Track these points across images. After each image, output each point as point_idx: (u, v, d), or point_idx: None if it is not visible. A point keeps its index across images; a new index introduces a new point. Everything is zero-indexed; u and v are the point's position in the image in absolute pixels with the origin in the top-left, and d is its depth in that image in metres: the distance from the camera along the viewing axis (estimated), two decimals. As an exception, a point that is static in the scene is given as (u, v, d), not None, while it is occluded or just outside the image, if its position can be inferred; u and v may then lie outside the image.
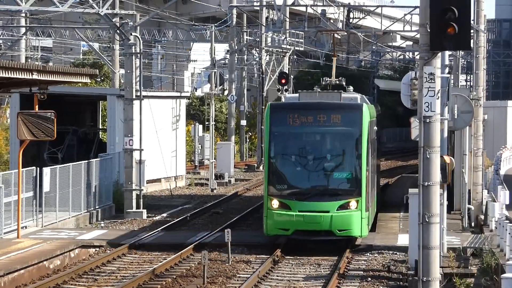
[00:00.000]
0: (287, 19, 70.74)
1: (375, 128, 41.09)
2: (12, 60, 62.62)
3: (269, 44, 68.93)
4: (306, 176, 34.80)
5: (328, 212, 33.51)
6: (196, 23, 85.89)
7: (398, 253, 35.63)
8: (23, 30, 68.72)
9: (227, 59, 78.07)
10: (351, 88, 41.82)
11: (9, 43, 75.66)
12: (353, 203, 33.72)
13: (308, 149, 35.19)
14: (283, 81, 57.32)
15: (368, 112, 34.97)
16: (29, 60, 74.86)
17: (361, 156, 34.19)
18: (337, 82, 42.63)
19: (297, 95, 38.69)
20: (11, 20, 73.63)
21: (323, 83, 42.65)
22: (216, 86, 74.79)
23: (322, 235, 33.84)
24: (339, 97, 36.09)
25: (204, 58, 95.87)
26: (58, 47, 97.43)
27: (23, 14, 61.60)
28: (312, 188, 34.65)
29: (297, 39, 73.39)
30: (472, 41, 35.72)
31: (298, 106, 35.91)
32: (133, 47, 47.32)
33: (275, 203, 33.82)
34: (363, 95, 41.78)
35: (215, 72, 76.41)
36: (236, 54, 72.15)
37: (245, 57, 73.49)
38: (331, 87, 41.25)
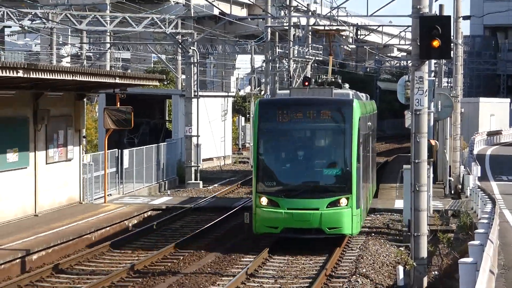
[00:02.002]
0: (309, 36, 70.46)
1: (369, 123, 34.34)
2: (100, 68, 62.86)
3: (296, 55, 68.44)
4: (295, 173, 27.71)
5: (317, 209, 26.48)
6: (239, 39, 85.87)
7: (395, 214, 35.42)
8: (108, 45, 68.87)
9: (263, 67, 77.63)
10: (346, 85, 35.59)
11: (97, 56, 75.81)
12: (343, 200, 26.69)
13: (297, 145, 28.25)
14: (306, 83, 56.88)
15: (358, 108, 28.01)
16: (112, 68, 74.88)
17: (351, 152, 27.08)
18: (333, 79, 35.88)
19: (288, 91, 31.72)
20: (99, 38, 73.82)
21: (320, 80, 36.60)
22: (255, 88, 74.88)
23: (312, 233, 26.84)
24: (330, 93, 29.03)
25: (246, 66, 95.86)
26: (135, 58, 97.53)
27: (108, 33, 61.85)
28: (301, 185, 27.33)
29: (317, 51, 72.96)
30: (452, 52, 35.49)
31: (287, 102, 28.63)
32: (192, 58, 47.42)
33: (263, 200, 26.81)
34: (357, 92, 34.59)
35: (254, 77, 76.54)
36: (270, 63, 71.84)
37: (277, 65, 72.96)
38: (327, 84, 34.56)
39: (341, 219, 26.58)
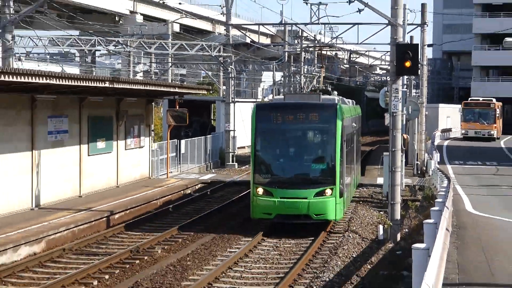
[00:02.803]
0: (315, 58, 70.15)
1: (354, 124, 30.44)
2: (163, 81, 62.86)
3: (305, 72, 68.07)
4: (287, 167, 24.12)
5: (306, 198, 23.12)
6: (265, 60, 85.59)
7: (377, 188, 35.06)
8: (169, 64, 68.89)
9: (282, 81, 77.33)
10: (335, 92, 31.77)
11: (162, 72, 75.74)
12: (328, 191, 23.21)
13: (289, 143, 24.54)
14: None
15: (342, 111, 24.31)
16: (173, 81, 74.83)
17: (335, 149, 23.39)
18: (324, 87, 32.86)
19: (282, 96, 28.35)
20: (163, 59, 73.79)
21: (313, 88, 33.61)
22: (275, 96, 74.49)
23: (301, 219, 23.48)
24: (318, 98, 25.35)
25: (269, 80, 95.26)
26: (189, 74, 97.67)
27: (170, 56, 61.85)
28: (292, 178, 23.86)
29: (320, 69, 72.93)
30: (419, 70, 35.23)
31: (280, 105, 24.87)
32: (230, 74, 47.27)
33: (260, 190, 23.40)
34: (344, 98, 30.87)
35: (275, 87, 76.18)
36: (287, 78, 71.50)
37: (292, 79, 72.58)
38: (318, 91, 30.98)
39: (326, 207, 23.13)
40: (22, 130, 24.72)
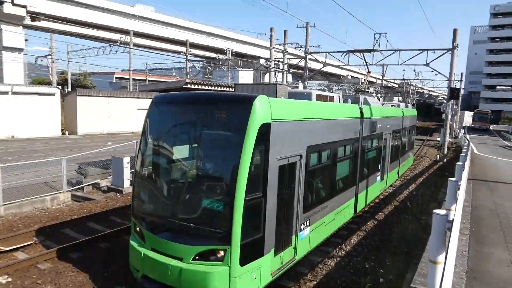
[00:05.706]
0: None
1: (394, 121, 18.49)
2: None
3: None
4: (164, 200, 8.64)
5: (181, 259, 8.20)
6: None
7: (437, 141, 41.00)
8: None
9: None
10: (374, 95, 18.98)
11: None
12: (219, 252, 7.86)
13: (175, 159, 9.02)
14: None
15: (268, 110, 8.40)
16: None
17: (238, 177, 7.76)
18: (366, 89, 20.27)
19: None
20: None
21: (354, 89, 18.91)
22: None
23: None
24: (267, 90, 9.76)
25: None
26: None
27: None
28: (167, 219, 8.37)
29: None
30: (459, 97, 39.80)
31: (175, 98, 9.27)
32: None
33: (137, 228, 9.15)
34: (378, 98, 19.32)
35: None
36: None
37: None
38: (359, 91, 19.28)
39: (209, 282, 8.56)
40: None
